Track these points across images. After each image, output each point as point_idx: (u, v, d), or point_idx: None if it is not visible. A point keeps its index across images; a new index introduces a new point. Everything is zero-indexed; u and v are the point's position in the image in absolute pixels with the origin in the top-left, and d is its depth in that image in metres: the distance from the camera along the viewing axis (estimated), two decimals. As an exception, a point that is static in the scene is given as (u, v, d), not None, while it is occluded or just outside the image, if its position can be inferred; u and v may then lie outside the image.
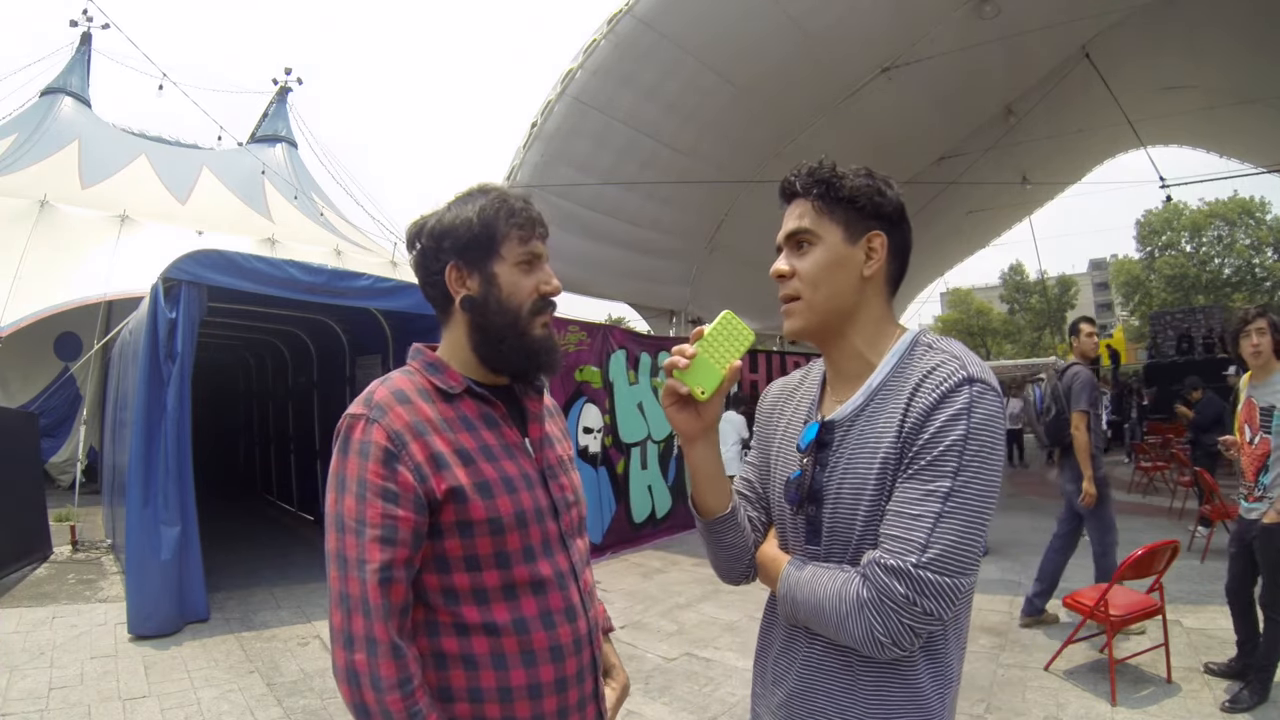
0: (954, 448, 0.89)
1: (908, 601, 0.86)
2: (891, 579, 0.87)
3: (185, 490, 4.61)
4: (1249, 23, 8.15)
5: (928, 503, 0.88)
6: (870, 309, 1.05)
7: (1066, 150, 11.48)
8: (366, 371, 7.18)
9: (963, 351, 0.97)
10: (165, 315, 4.58)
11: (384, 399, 1.02)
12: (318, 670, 3.84)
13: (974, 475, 0.89)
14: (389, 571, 0.94)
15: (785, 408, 1.17)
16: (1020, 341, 39.73)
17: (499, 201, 1.10)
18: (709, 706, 3.38)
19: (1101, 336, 33.71)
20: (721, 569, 1.15)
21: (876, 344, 1.04)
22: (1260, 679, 3.07)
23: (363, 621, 0.93)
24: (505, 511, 1.02)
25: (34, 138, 12.93)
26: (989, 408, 0.91)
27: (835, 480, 1.00)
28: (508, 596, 1.02)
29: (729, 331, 1.03)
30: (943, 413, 0.90)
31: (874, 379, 1.01)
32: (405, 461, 0.97)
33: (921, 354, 1.00)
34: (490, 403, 1.10)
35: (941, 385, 0.92)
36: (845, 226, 1.02)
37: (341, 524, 0.97)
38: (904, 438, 0.93)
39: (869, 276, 1.03)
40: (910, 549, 0.87)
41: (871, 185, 1.03)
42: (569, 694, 1.06)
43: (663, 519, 7.67)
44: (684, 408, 1.03)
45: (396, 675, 0.92)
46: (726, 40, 6.73)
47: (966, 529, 0.88)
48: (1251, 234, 31.39)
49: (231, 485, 11.13)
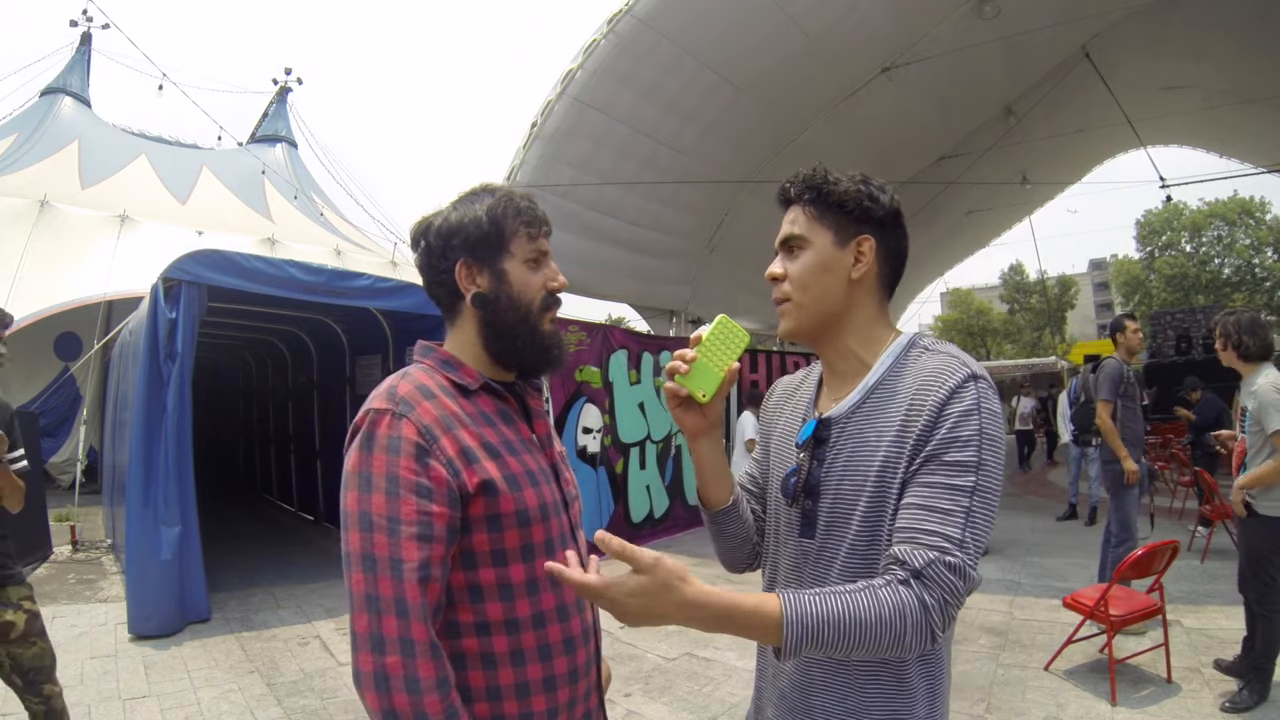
0: (972, 442, 0.91)
1: (961, 594, 0.89)
2: (955, 576, 0.88)
3: (185, 490, 4.61)
4: (1249, 23, 8.15)
5: (958, 498, 0.90)
6: (862, 310, 1.08)
7: (1066, 150, 11.47)
8: (366, 371, 7.18)
9: (959, 352, 1.01)
10: (165, 315, 4.58)
11: (409, 394, 1.00)
12: (318, 670, 3.84)
13: (991, 470, 0.93)
14: (427, 569, 0.93)
15: (785, 406, 1.21)
16: (1020, 341, 39.74)
17: (506, 200, 1.11)
18: (709, 706, 3.39)
19: (1102, 337, 33.46)
20: (725, 558, 1.21)
21: (870, 345, 1.07)
22: (1259, 678, 3.08)
23: (396, 622, 0.90)
24: (531, 504, 1.03)
25: (34, 138, 12.94)
26: (993, 403, 0.95)
27: (833, 476, 1.02)
28: (530, 591, 1.03)
29: (726, 335, 1.07)
30: (954, 409, 0.93)
31: (870, 378, 1.04)
32: (437, 456, 0.97)
33: (918, 356, 1.03)
34: (504, 398, 1.11)
35: (948, 382, 0.94)
36: (835, 231, 1.06)
37: (369, 522, 0.93)
38: (917, 436, 0.94)
39: (858, 279, 1.06)
40: (952, 544, 0.89)
41: (862, 191, 1.05)
42: (578, 684, 1.07)
43: (660, 519, 7.67)
44: (689, 409, 1.08)
45: (435, 675, 0.91)
46: (726, 40, 6.73)
47: (987, 519, 0.92)
48: (1251, 234, 31.37)
49: (231, 485, 11.12)
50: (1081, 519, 7.55)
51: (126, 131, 15.09)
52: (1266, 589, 3.08)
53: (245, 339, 9.16)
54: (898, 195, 1.10)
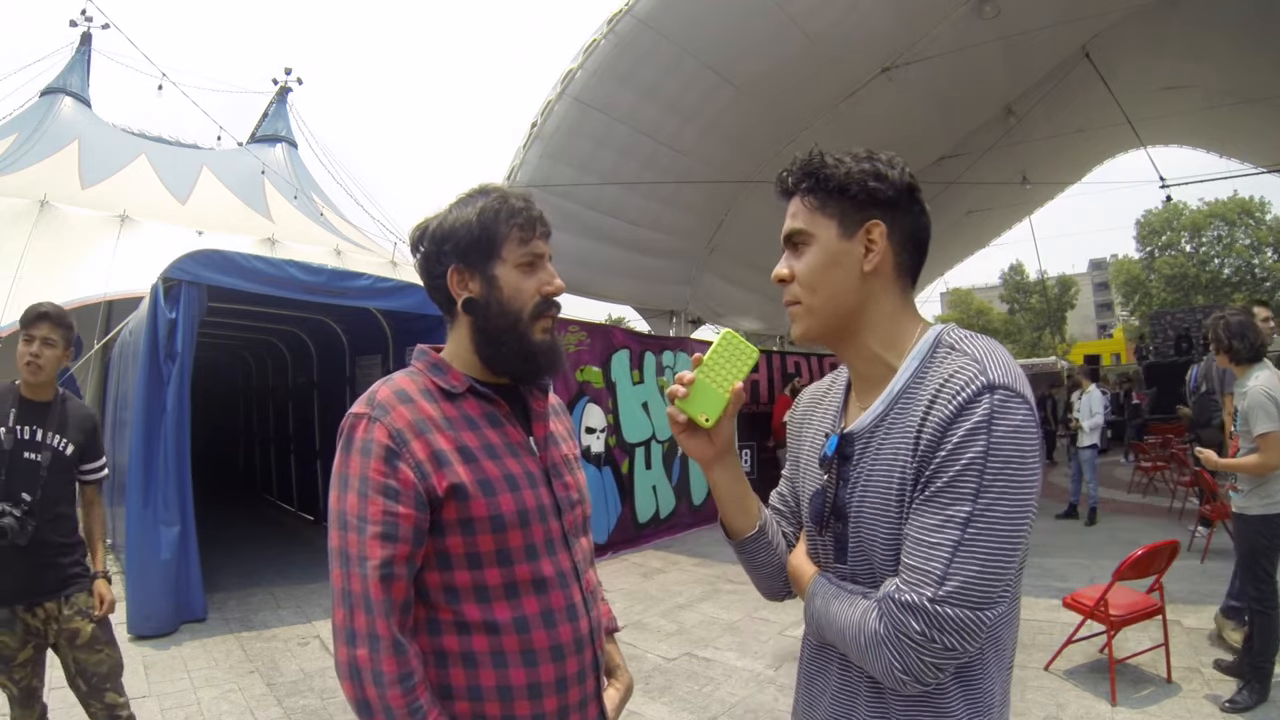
0: (973, 466, 0.80)
1: (925, 639, 0.80)
2: (906, 615, 0.81)
3: (184, 490, 4.61)
4: (1249, 23, 8.14)
5: (946, 530, 0.80)
6: (880, 305, 0.95)
7: (1066, 150, 11.46)
8: (366, 371, 7.18)
9: (987, 352, 0.87)
10: (165, 315, 4.59)
11: (386, 398, 1.03)
12: (318, 670, 3.84)
13: (999, 496, 0.80)
14: (390, 568, 0.95)
15: (813, 416, 1.10)
16: (1020, 341, 39.72)
17: (499, 202, 1.10)
18: (709, 706, 3.38)
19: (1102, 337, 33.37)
20: (761, 587, 1.12)
21: (895, 344, 0.95)
22: (1258, 678, 3.08)
23: (364, 618, 0.93)
24: (507, 509, 1.02)
25: (34, 138, 12.93)
26: (1013, 418, 0.81)
27: (857, 497, 0.93)
28: (509, 595, 1.02)
29: (731, 352, 1.00)
30: (960, 426, 0.81)
31: (895, 384, 0.93)
32: (406, 459, 0.98)
33: (943, 356, 0.90)
34: (493, 402, 1.10)
35: (958, 395, 0.83)
36: (840, 220, 0.95)
37: (344, 521, 0.97)
38: (920, 455, 0.85)
39: (871, 271, 0.94)
40: (927, 581, 0.80)
41: (866, 169, 0.94)
42: (569, 693, 1.05)
43: (666, 519, 7.67)
44: (695, 434, 1.00)
45: (398, 671, 0.93)
46: (726, 40, 6.73)
47: (991, 557, 0.80)
48: (1251, 234, 31.38)
49: (231, 485, 11.12)
50: (1081, 519, 7.56)
51: (126, 131, 15.07)
52: (1262, 586, 3.10)
53: (245, 339, 9.16)
54: (910, 168, 0.97)
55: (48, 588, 2.27)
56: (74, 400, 2.48)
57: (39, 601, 2.26)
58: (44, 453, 2.30)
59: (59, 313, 2.37)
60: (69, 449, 2.36)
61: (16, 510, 2.18)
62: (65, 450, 2.35)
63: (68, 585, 2.32)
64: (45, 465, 2.29)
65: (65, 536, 2.36)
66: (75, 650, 2.30)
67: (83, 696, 2.34)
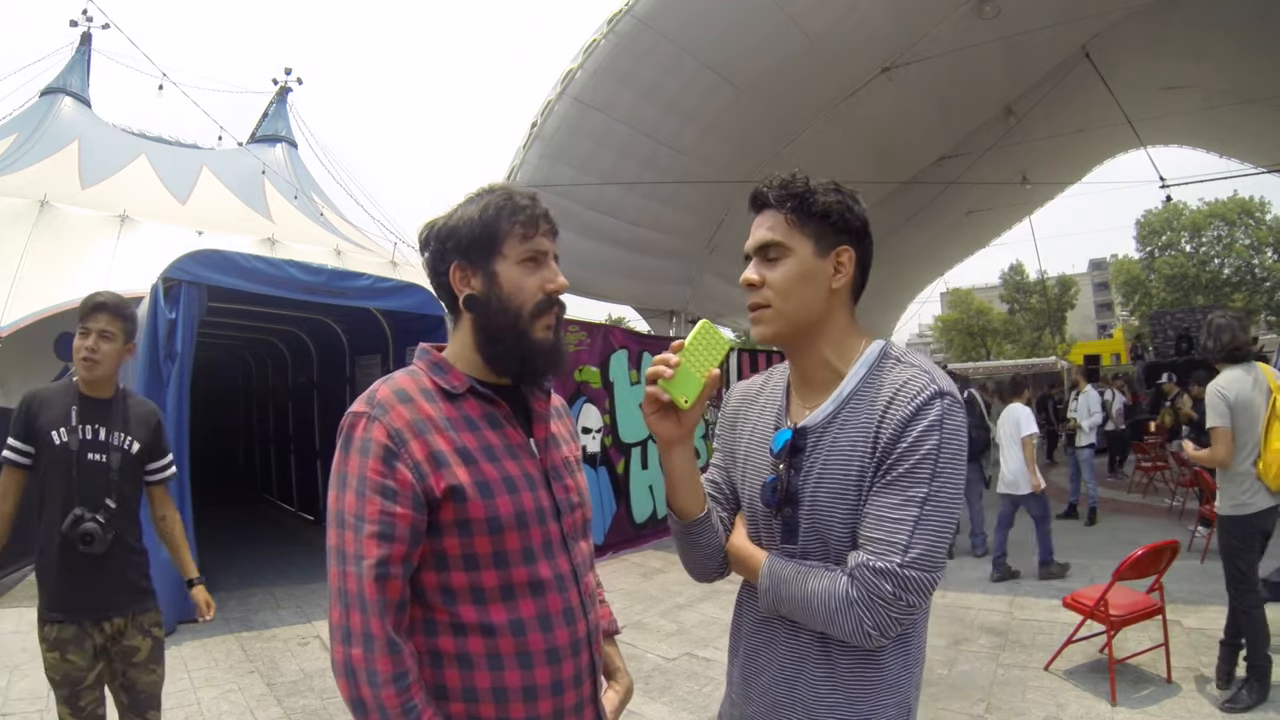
0: (929, 457, 0.97)
1: (894, 598, 0.95)
2: (880, 579, 0.95)
3: (184, 490, 4.60)
4: (1249, 23, 8.14)
5: (908, 508, 0.96)
6: (837, 319, 1.10)
7: (1066, 150, 11.46)
8: (366, 371, 7.18)
9: (930, 366, 1.04)
10: (165, 315, 4.58)
11: (386, 398, 1.03)
12: (318, 670, 3.84)
13: (946, 481, 0.97)
14: (385, 567, 0.95)
15: (749, 412, 1.22)
16: (1020, 341, 39.72)
17: (503, 199, 1.10)
18: (709, 706, 3.39)
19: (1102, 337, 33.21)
20: (696, 569, 1.21)
21: (843, 353, 1.10)
22: (1258, 678, 3.08)
23: (360, 617, 0.93)
24: (505, 511, 1.02)
25: (34, 138, 12.92)
26: (957, 419, 0.99)
27: (811, 484, 1.06)
28: (505, 597, 1.02)
29: (707, 341, 1.07)
30: (918, 424, 0.98)
31: (844, 387, 1.07)
32: (404, 459, 0.98)
33: (890, 367, 1.06)
34: (494, 403, 1.10)
35: (915, 399, 0.99)
36: (816, 240, 1.07)
37: (342, 520, 0.98)
38: (881, 447, 1.00)
39: (837, 289, 1.08)
40: (894, 550, 0.95)
41: (842, 201, 1.08)
42: (565, 697, 1.05)
43: (664, 519, 7.65)
44: (665, 415, 1.07)
45: (392, 670, 0.93)
46: (726, 40, 6.73)
47: (940, 529, 0.97)
48: (1251, 234, 31.35)
49: (231, 485, 11.12)
50: (1081, 519, 7.56)
51: (126, 131, 15.05)
52: (1240, 584, 3.13)
53: (245, 339, 9.16)
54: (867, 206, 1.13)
55: (120, 603, 2.15)
56: (134, 395, 2.32)
57: (108, 617, 2.13)
58: (111, 454, 2.14)
59: (118, 302, 2.16)
60: (135, 447, 2.21)
61: (101, 515, 2.06)
62: (131, 449, 2.21)
63: (140, 601, 2.21)
64: (115, 468, 2.14)
65: (137, 543, 2.25)
66: (130, 667, 2.19)
67: (123, 709, 2.23)
